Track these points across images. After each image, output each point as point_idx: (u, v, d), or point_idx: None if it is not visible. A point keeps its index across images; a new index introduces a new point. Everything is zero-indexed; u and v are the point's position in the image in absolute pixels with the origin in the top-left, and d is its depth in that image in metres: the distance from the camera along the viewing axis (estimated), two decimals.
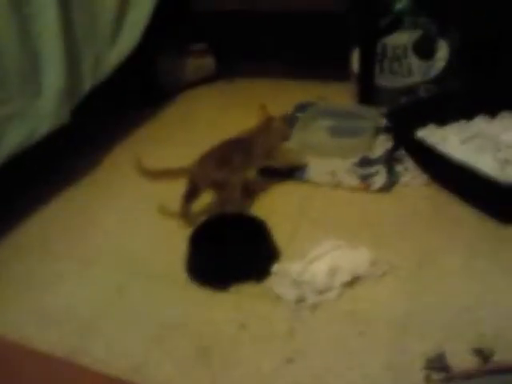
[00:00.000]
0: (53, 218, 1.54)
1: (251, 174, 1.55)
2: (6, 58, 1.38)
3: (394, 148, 1.62)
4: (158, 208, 1.49)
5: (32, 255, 1.40)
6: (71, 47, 1.56)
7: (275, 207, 1.48)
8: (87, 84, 1.66)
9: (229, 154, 1.43)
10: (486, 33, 1.79)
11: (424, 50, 1.82)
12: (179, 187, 1.51)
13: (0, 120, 1.36)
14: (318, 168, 1.59)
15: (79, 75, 1.62)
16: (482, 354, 0.97)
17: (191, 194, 1.43)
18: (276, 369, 1.01)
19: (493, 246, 1.26)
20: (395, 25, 1.82)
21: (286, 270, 1.20)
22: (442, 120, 1.64)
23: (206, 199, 1.45)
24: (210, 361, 1.04)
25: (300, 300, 1.15)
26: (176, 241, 1.33)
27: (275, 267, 1.21)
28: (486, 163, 1.40)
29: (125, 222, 1.50)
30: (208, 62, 2.35)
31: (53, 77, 1.50)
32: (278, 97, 2.10)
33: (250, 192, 1.53)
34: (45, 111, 1.47)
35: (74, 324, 1.17)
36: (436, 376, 0.95)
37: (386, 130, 1.69)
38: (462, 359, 0.97)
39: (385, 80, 1.90)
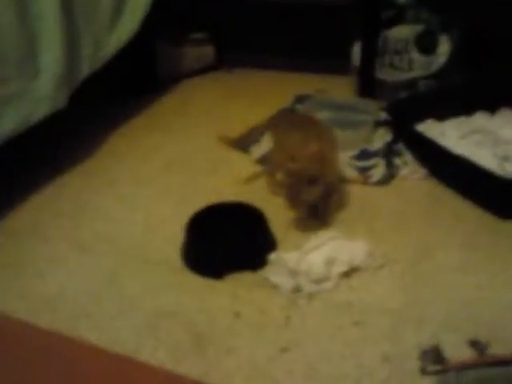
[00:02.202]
0: (47, 204, 1.52)
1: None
2: (4, 38, 1.35)
3: (393, 141, 1.62)
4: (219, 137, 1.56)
5: (25, 241, 1.38)
6: (70, 31, 1.54)
7: (273, 197, 1.47)
8: (86, 69, 1.64)
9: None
10: (487, 28, 1.79)
11: (425, 44, 1.81)
12: (176, 175, 1.50)
13: None
14: None
15: (78, 60, 1.60)
16: (478, 346, 0.96)
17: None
18: (271, 357, 1.00)
19: (490, 240, 1.26)
20: (397, 18, 1.81)
21: (282, 259, 1.18)
22: (441, 115, 1.64)
23: None
24: (204, 349, 1.03)
25: (296, 290, 1.14)
26: (172, 228, 1.32)
27: (272, 256, 1.20)
28: (484, 159, 1.40)
29: (120, 209, 1.49)
30: (207, 51, 2.34)
31: (51, 59, 1.47)
32: (277, 88, 2.10)
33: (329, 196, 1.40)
34: (42, 94, 1.45)
35: (66, 310, 1.15)
36: (431, 367, 0.94)
37: (385, 123, 1.69)
38: (457, 351, 0.96)
39: (385, 74, 1.89)
